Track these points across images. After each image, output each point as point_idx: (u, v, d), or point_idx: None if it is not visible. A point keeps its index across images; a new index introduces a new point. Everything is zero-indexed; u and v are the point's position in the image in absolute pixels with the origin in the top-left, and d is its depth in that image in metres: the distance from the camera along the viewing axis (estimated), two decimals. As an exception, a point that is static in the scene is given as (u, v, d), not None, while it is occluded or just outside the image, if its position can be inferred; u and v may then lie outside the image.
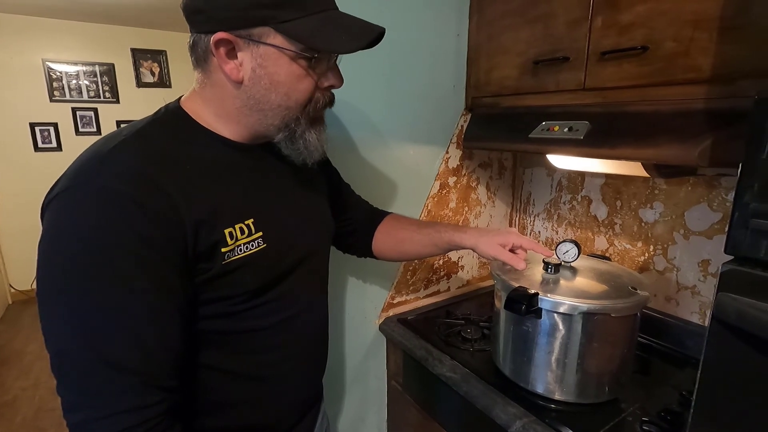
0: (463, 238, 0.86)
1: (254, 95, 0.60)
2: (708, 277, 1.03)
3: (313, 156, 0.67)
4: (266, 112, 0.61)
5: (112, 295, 0.50)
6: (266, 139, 0.66)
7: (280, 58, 0.57)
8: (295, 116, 0.62)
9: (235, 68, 0.58)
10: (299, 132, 0.64)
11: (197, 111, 0.63)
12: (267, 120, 0.62)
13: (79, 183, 0.51)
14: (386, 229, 0.95)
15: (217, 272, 0.58)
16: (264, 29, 0.56)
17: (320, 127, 0.67)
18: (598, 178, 1.24)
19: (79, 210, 0.50)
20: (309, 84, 0.61)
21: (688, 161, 0.74)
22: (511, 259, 0.80)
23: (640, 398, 0.87)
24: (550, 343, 0.83)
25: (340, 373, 1.23)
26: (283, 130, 0.63)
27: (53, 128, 3.65)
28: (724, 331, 0.51)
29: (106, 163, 0.52)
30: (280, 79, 0.59)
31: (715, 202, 0.99)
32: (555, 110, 0.99)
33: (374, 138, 1.13)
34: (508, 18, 1.07)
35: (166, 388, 0.54)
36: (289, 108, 0.61)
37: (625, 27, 0.83)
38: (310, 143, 0.65)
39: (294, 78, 0.59)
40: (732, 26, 0.69)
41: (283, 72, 0.58)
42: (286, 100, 0.60)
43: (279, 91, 0.60)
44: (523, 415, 0.82)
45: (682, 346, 1.06)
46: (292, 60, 0.58)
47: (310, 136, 0.65)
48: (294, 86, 0.60)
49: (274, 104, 0.60)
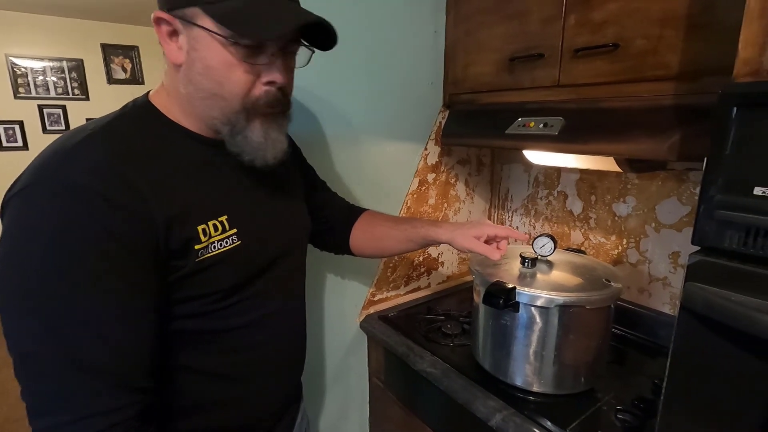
0: (438, 232, 0.86)
1: (192, 80, 0.57)
2: (678, 269, 1.06)
3: (259, 157, 0.62)
4: (205, 101, 0.58)
5: (80, 294, 0.48)
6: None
7: (212, 42, 0.54)
8: (234, 109, 0.58)
9: (175, 50, 0.56)
10: (239, 128, 0.59)
11: (166, 105, 0.61)
12: (208, 111, 0.59)
13: (42, 179, 0.48)
14: (363, 225, 0.95)
15: (191, 270, 0.56)
16: (194, 9, 0.53)
17: (270, 126, 0.61)
18: (573, 173, 1.26)
19: (41, 207, 0.48)
20: (242, 75, 0.56)
21: (658, 155, 0.76)
22: (485, 251, 0.80)
23: (615, 387, 0.89)
24: (528, 336, 0.85)
25: (320, 372, 1.22)
26: (226, 124, 0.59)
27: (18, 126, 3.50)
28: (692, 319, 0.53)
29: (71, 158, 0.50)
30: (211, 65, 0.55)
31: (684, 196, 1.02)
32: (531, 106, 1.01)
33: (353, 135, 1.13)
34: (484, 15, 1.08)
35: (140, 389, 0.52)
36: (224, 98, 0.57)
37: (597, 25, 0.84)
38: (252, 141, 0.60)
39: (225, 66, 0.55)
40: (697, 24, 0.71)
41: (214, 58, 0.55)
42: (219, 88, 0.56)
43: (212, 78, 0.56)
44: (502, 408, 0.84)
45: (654, 336, 1.09)
46: (223, 46, 0.54)
47: (251, 134, 0.60)
48: (226, 75, 0.56)
49: (209, 92, 0.57)
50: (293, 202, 0.79)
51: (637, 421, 0.79)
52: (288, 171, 0.77)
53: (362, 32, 1.08)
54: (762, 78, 0.49)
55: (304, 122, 1.02)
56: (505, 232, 0.82)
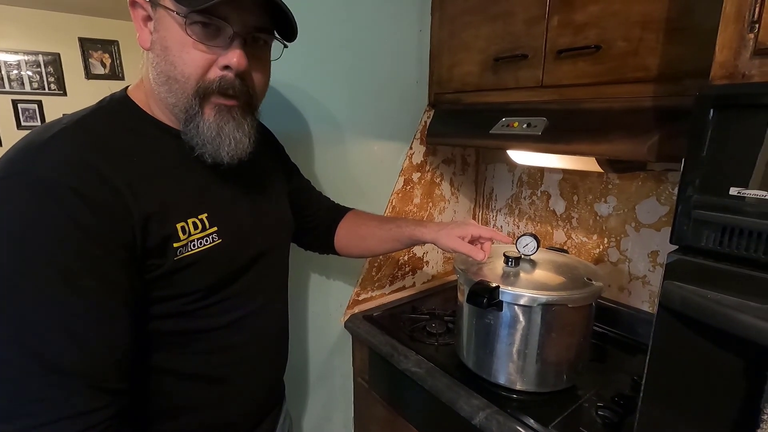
0: (423, 232, 0.86)
1: (153, 63, 0.56)
2: (657, 268, 1.09)
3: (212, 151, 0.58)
4: (163, 85, 0.56)
5: (51, 293, 0.46)
6: None
7: (171, 22, 0.53)
8: (188, 94, 0.56)
9: (146, 35, 0.56)
10: (191, 114, 0.56)
11: (143, 100, 0.60)
12: (167, 96, 0.56)
13: (12, 173, 0.47)
14: (348, 225, 0.94)
15: (169, 268, 0.55)
16: None
17: (224, 119, 0.58)
18: (556, 173, 1.28)
19: (12, 203, 0.46)
20: (198, 56, 0.54)
21: (638, 156, 0.77)
22: (470, 251, 0.80)
23: (596, 385, 0.91)
24: (511, 334, 0.85)
25: (304, 373, 1.21)
26: (182, 110, 0.57)
27: (-9, 122, 3.39)
28: (670, 317, 0.54)
29: (43, 152, 0.48)
30: (167, 44, 0.54)
31: (663, 196, 1.05)
32: (515, 107, 1.02)
33: (338, 134, 1.12)
34: (469, 15, 1.09)
35: (114, 391, 0.50)
36: (177, 81, 0.55)
37: (579, 26, 0.86)
38: (202, 132, 0.57)
39: (180, 45, 0.54)
40: (676, 28, 0.73)
41: (171, 37, 0.54)
42: (172, 69, 0.54)
43: (168, 60, 0.54)
44: (485, 407, 0.84)
45: (634, 333, 1.11)
46: (180, 26, 0.53)
47: (202, 123, 0.57)
48: (179, 55, 0.54)
49: (165, 74, 0.55)
50: (276, 200, 0.78)
51: (617, 417, 0.80)
52: (270, 169, 0.76)
53: (347, 31, 1.07)
54: (737, 81, 0.50)
55: (287, 120, 1.01)
56: (489, 234, 0.82)
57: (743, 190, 0.48)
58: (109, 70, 3.81)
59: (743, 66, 0.49)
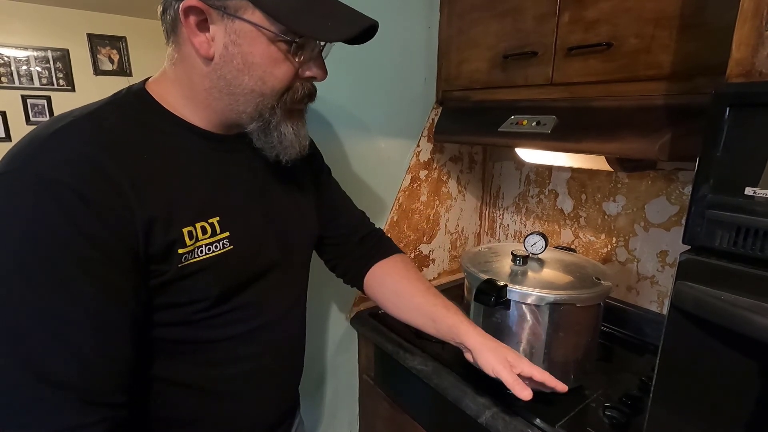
0: (468, 330, 0.74)
1: (225, 75, 0.54)
2: (666, 267, 1.07)
3: (288, 152, 0.61)
4: (238, 96, 0.55)
5: (48, 300, 0.44)
6: (239, 129, 0.60)
7: (258, 37, 0.52)
8: (270, 105, 0.56)
9: (205, 42, 0.52)
10: (274, 123, 0.58)
11: (163, 94, 0.57)
12: (239, 106, 0.56)
13: (14, 169, 0.44)
14: (389, 270, 0.84)
15: (173, 276, 0.52)
16: (241, 2, 0.50)
17: (299, 122, 0.61)
18: (564, 172, 1.27)
19: (12, 200, 0.44)
20: (288, 71, 0.55)
21: (648, 155, 0.76)
22: (515, 383, 0.67)
23: (603, 385, 0.90)
24: (519, 333, 0.85)
25: (310, 370, 1.21)
26: (256, 119, 0.57)
27: (0, 117, 3.42)
28: (682, 318, 0.53)
29: (46, 148, 0.46)
30: (255, 61, 0.53)
31: (673, 196, 1.03)
32: (524, 104, 1.01)
33: (345, 131, 1.12)
34: (478, 11, 1.08)
35: (110, 405, 0.48)
36: (263, 95, 0.55)
37: (590, 23, 0.84)
38: (285, 137, 0.59)
39: (271, 61, 0.53)
40: (690, 25, 0.72)
41: (258, 53, 0.53)
42: (261, 85, 0.55)
43: (253, 75, 0.54)
44: (492, 405, 0.84)
45: (641, 333, 1.10)
46: (270, 42, 0.52)
47: (285, 130, 0.59)
48: (270, 71, 0.54)
49: (247, 88, 0.55)
50: (300, 205, 0.74)
51: (624, 417, 0.80)
52: (297, 170, 0.72)
53: (355, 26, 1.06)
54: (754, 79, 0.49)
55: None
56: (541, 377, 0.69)
57: (759, 190, 0.47)
58: (117, 66, 3.83)
59: (761, 64, 0.48)
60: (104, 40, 3.75)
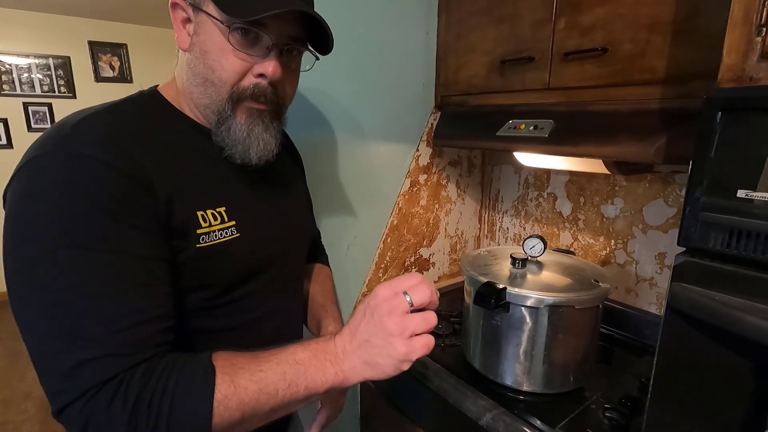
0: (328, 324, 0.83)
1: (190, 65, 0.59)
2: (664, 269, 1.08)
3: (242, 152, 0.61)
4: (199, 86, 0.59)
5: (93, 263, 0.46)
6: None
7: (212, 28, 0.56)
8: (223, 97, 0.59)
9: (185, 36, 0.58)
10: (223, 117, 0.59)
11: (174, 96, 0.63)
12: (201, 97, 0.60)
13: (46, 152, 0.48)
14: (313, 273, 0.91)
15: (193, 255, 0.55)
16: None
17: (255, 122, 0.61)
18: (562, 175, 1.28)
19: (46, 178, 0.47)
20: (236, 63, 0.57)
21: (645, 158, 0.77)
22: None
23: (603, 386, 0.91)
24: (518, 336, 0.85)
25: (312, 373, 1.21)
26: (215, 112, 0.60)
27: (2, 124, 3.44)
28: (678, 319, 0.54)
29: (75, 131, 0.50)
30: (207, 49, 0.57)
31: (670, 198, 1.04)
32: (521, 109, 1.02)
33: (345, 136, 1.13)
34: (476, 17, 1.09)
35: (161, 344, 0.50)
36: (214, 84, 0.58)
37: (586, 29, 0.86)
38: (234, 133, 0.60)
39: (219, 51, 0.56)
40: (683, 30, 0.73)
41: (210, 41, 0.56)
42: (210, 73, 0.57)
43: (206, 63, 0.57)
44: (492, 407, 0.84)
45: (641, 335, 1.11)
46: (222, 33, 0.56)
47: (234, 125, 0.60)
48: (218, 60, 0.57)
49: (202, 77, 0.58)
50: (297, 204, 0.78)
51: (624, 419, 0.80)
52: (292, 175, 0.76)
53: (354, 33, 1.08)
54: (745, 84, 0.50)
55: (294, 122, 1.02)
56: None
57: (751, 193, 0.48)
58: (117, 73, 3.86)
59: (751, 69, 0.49)
60: (105, 48, 3.78)
